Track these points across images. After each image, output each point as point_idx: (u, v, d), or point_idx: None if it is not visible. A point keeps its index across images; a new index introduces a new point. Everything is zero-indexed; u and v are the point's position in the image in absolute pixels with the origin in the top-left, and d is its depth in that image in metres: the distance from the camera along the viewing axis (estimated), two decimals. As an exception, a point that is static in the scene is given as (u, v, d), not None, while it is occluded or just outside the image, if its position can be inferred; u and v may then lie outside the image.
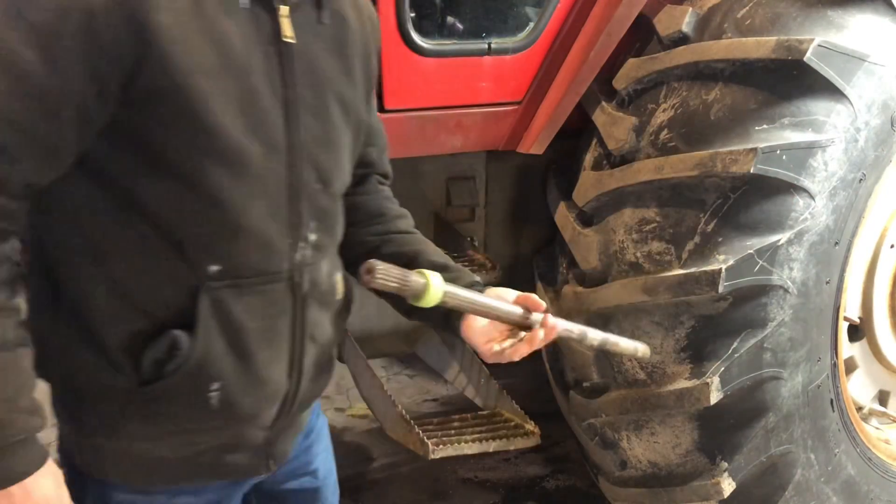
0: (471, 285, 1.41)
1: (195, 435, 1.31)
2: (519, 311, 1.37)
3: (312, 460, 1.60)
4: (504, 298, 1.39)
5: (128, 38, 1.09)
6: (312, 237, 1.31)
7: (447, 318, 1.42)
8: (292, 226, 1.28)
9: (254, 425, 1.35)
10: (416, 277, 1.21)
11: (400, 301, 1.34)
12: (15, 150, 1.09)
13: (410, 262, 1.44)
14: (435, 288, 1.23)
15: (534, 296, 1.39)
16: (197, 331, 1.22)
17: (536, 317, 1.38)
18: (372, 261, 1.16)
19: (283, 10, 1.22)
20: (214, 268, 1.22)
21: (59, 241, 1.24)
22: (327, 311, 1.40)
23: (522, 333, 1.40)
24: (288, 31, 1.23)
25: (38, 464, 1.16)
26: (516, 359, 1.39)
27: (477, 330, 1.40)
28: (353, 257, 1.48)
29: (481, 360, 2.75)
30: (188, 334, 1.22)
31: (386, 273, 1.17)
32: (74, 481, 1.28)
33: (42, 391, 1.23)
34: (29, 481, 1.15)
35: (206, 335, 1.23)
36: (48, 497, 1.17)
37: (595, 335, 1.48)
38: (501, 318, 1.37)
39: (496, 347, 1.39)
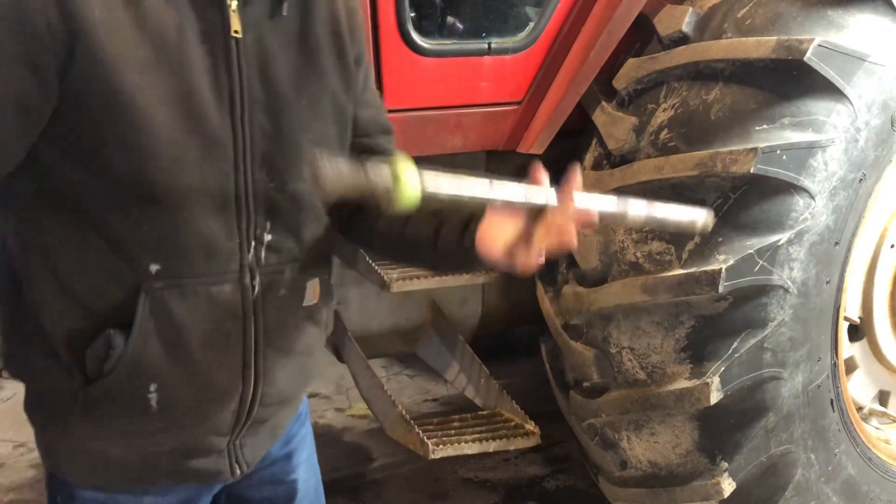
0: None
1: (142, 437, 1.29)
2: (533, 189, 1.13)
3: (292, 470, 1.55)
4: None
5: (60, 29, 1.08)
6: (267, 237, 1.27)
7: (461, 242, 1.25)
8: (242, 224, 1.24)
9: (206, 429, 1.32)
10: (379, 168, 0.99)
11: (419, 250, 1.28)
12: None
13: (408, 216, 1.32)
14: (408, 174, 1.00)
15: (538, 169, 1.16)
16: (133, 330, 1.20)
17: (550, 195, 1.13)
18: (315, 159, 1.00)
19: (233, 4, 1.18)
20: (155, 267, 1.19)
21: (15, 239, 1.24)
22: (293, 316, 1.34)
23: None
24: (236, 25, 1.19)
25: None
26: (541, 259, 1.17)
27: (490, 240, 1.20)
28: (368, 228, 1.42)
29: (481, 359, 2.77)
30: (124, 333, 1.20)
31: (336, 169, 0.95)
32: (48, 480, 1.31)
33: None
34: None
35: (142, 335, 1.20)
36: None
37: (638, 210, 1.21)
38: (509, 202, 1.14)
39: (519, 256, 1.18)
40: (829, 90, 2.16)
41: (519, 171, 2.85)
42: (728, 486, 2.25)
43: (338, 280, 2.52)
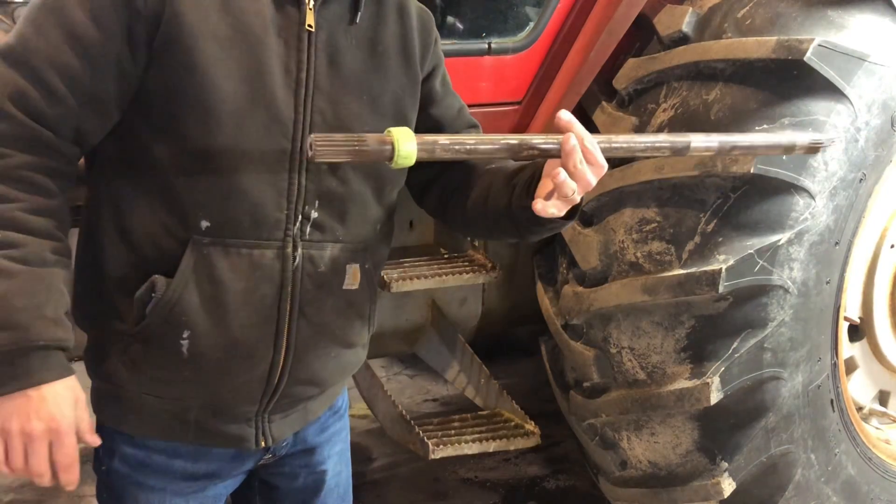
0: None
1: (173, 386, 1.38)
2: (535, 139, 1.22)
3: (323, 461, 1.62)
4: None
5: (154, 2, 1.23)
6: (314, 215, 1.36)
7: (527, 206, 1.30)
8: (292, 198, 1.33)
9: (234, 392, 1.39)
10: (375, 143, 1.13)
11: (502, 223, 1.40)
12: (64, 94, 1.23)
13: (490, 187, 1.44)
14: (404, 144, 1.12)
15: (562, 118, 1.25)
16: (175, 277, 1.30)
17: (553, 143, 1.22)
18: (312, 136, 1.15)
19: (310, 2, 1.32)
20: (205, 224, 1.30)
21: (90, 192, 1.38)
22: (330, 296, 1.41)
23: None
24: (310, 20, 1.32)
25: (57, 376, 1.23)
26: (568, 192, 1.23)
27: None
28: (473, 226, 1.54)
29: (481, 359, 2.77)
30: (167, 280, 1.30)
31: (327, 147, 1.10)
32: (97, 430, 1.41)
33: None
34: (46, 389, 1.22)
35: (183, 283, 1.30)
36: (62, 411, 1.23)
37: (642, 140, 1.34)
38: (515, 153, 1.23)
39: (540, 204, 1.25)
40: (829, 90, 2.16)
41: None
42: (728, 486, 2.25)
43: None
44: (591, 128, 2.49)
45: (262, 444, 1.47)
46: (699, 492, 2.28)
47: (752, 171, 2.07)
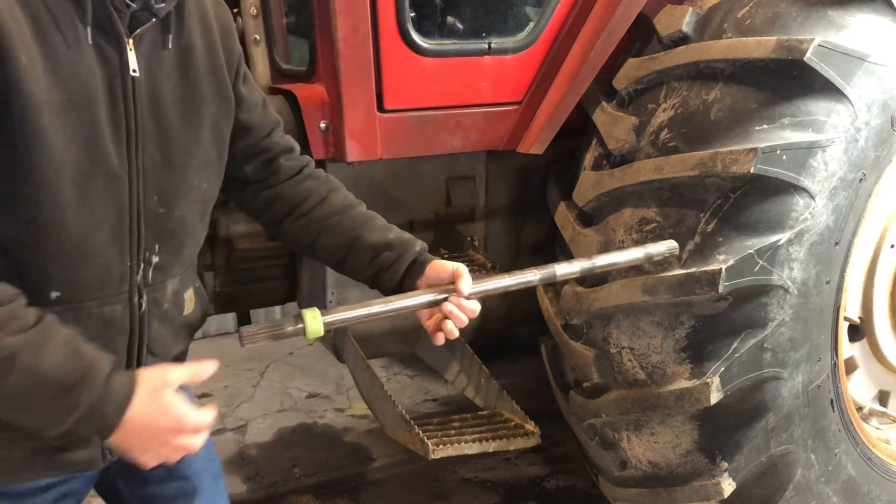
0: (413, 260, 1.54)
1: (24, 438, 1.33)
2: (425, 298, 1.47)
3: (184, 466, 1.60)
4: (439, 278, 1.50)
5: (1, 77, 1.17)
6: (154, 259, 1.39)
7: (387, 288, 1.55)
8: (133, 249, 1.35)
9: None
10: (289, 325, 1.34)
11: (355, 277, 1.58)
12: None
13: (348, 252, 1.58)
14: (312, 323, 1.34)
15: (449, 268, 1.48)
16: None
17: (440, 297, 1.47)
18: (240, 329, 1.31)
19: (130, 43, 1.29)
20: (55, 294, 1.29)
21: None
22: (171, 326, 1.47)
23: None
24: (134, 64, 1.30)
25: (131, 383, 1.25)
26: (453, 336, 1.49)
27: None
28: (305, 246, 1.61)
29: (481, 359, 2.77)
30: None
31: (253, 336, 1.31)
32: None
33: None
34: (137, 401, 1.24)
35: None
36: (170, 402, 1.26)
37: (566, 268, 1.55)
38: (410, 310, 1.48)
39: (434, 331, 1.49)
40: (829, 90, 2.16)
41: (519, 170, 2.85)
42: (728, 486, 2.25)
43: (337, 281, 2.53)
44: (592, 127, 2.50)
45: (109, 456, 1.47)
46: (699, 492, 2.28)
47: (752, 171, 2.07)
